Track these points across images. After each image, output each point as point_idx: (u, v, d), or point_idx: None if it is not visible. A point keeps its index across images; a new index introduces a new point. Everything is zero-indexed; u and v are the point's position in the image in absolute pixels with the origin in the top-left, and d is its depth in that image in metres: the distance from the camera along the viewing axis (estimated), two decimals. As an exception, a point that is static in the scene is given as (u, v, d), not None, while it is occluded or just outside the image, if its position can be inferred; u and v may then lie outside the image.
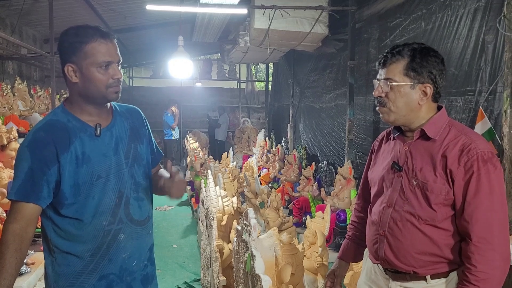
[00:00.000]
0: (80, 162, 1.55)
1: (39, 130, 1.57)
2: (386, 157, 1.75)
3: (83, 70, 1.54)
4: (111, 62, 1.56)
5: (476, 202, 1.48)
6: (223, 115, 11.59)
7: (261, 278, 1.92)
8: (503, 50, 3.20)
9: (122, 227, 1.64)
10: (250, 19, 6.05)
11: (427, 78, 1.58)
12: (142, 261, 1.74)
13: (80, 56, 1.53)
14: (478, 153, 1.50)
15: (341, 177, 5.04)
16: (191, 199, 7.30)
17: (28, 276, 2.16)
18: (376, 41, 5.47)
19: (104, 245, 1.61)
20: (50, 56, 5.13)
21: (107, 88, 1.56)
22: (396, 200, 1.64)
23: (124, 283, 1.67)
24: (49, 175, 1.51)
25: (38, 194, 1.51)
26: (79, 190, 1.55)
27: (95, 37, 1.54)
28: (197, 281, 4.17)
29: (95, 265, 1.61)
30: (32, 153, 1.51)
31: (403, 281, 1.65)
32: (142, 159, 1.74)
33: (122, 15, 7.05)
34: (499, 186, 1.51)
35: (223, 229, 3.50)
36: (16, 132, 2.95)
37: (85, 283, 1.61)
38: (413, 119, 1.63)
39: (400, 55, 1.59)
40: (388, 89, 1.60)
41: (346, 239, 2.01)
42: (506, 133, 2.95)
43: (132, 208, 1.67)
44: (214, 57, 13.61)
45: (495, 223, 1.47)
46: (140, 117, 1.82)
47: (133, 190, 1.68)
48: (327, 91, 7.05)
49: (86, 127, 1.60)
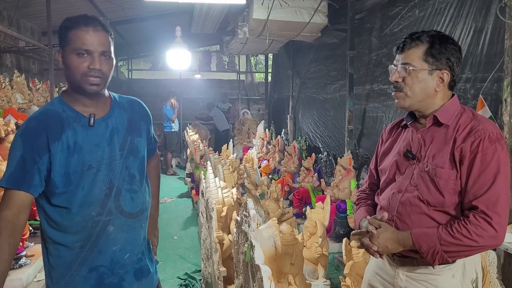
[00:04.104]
0: (71, 152, 1.55)
1: (32, 119, 1.58)
2: (398, 145, 1.76)
3: (65, 56, 1.56)
4: (91, 51, 1.54)
5: (481, 181, 1.49)
6: (214, 109, 11.56)
7: (260, 268, 1.92)
8: (497, 37, 3.20)
9: (111, 218, 1.62)
10: (249, 10, 6.01)
11: (445, 65, 1.59)
12: (135, 254, 1.72)
13: (65, 42, 1.55)
14: (486, 133, 1.51)
15: (341, 168, 5.04)
16: (191, 191, 7.31)
17: (28, 268, 2.17)
18: (377, 30, 5.43)
19: (93, 236, 1.60)
20: (48, 49, 5.10)
21: (83, 76, 1.54)
22: (406, 186, 1.65)
23: (116, 276, 1.66)
24: (41, 164, 1.52)
25: (30, 182, 1.51)
26: (69, 179, 1.55)
27: (79, 24, 1.55)
28: (197, 272, 4.18)
29: (84, 257, 1.60)
30: (24, 142, 1.52)
31: (410, 267, 1.67)
32: (139, 152, 1.73)
33: (120, 7, 7.01)
34: (506, 166, 1.50)
35: (223, 220, 3.50)
36: (14, 124, 2.95)
37: (75, 275, 1.60)
38: (428, 105, 1.64)
39: (419, 40, 1.60)
40: (405, 74, 1.61)
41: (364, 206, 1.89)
42: (507, 121, 2.94)
43: (123, 200, 1.65)
44: (213, 48, 13.56)
45: (499, 202, 1.47)
46: (141, 110, 1.81)
47: (126, 182, 1.66)
48: (332, 82, 7.01)
49: (80, 117, 1.60)
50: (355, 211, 1.94)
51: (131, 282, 1.70)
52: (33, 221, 2.90)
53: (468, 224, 1.47)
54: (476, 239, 1.46)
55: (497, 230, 1.47)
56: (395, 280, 1.71)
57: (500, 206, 1.47)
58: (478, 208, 1.48)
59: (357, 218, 1.84)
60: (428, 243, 1.52)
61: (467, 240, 1.47)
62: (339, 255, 4.31)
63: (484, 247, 1.50)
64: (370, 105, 5.58)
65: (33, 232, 2.81)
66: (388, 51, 5.05)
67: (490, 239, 1.47)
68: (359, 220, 1.79)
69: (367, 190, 1.95)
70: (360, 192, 1.98)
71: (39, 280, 2.18)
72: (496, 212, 1.47)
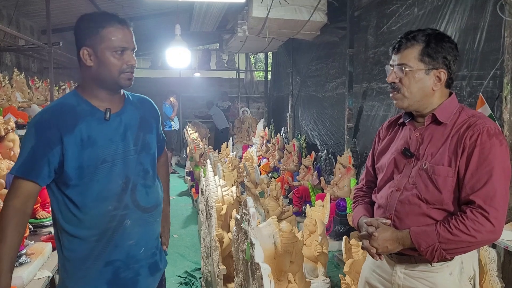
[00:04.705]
0: (85, 145, 1.56)
1: (46, 111, 1.59)
2: (395, 143, 1.76)
3: (98, 54, 1.57)
4: (126, 48, 1.59)
5: (479, 175, 1.48)
6: (213, 107, 11.59)
7: (260, 267, 1.92)
8: (493, 34, 3.21)
9: (128, 212, 1.64)
10: (248, 8, 6.01)
11: (442, 63, 1.59)
12: (150, 248, 1.75)
13: (96, 40, 1.56)
14: (484, 127, 1.51)
15: (340, 166, 5.05)
16: (191, 189, 7.31)
17: (28, 266, 2.16)
18: (374, 28, 5.42)
19: (110, 230, 1.62)
20: (48, 47, 5.09)
21: (120, 73, 1.59)
22: (405, 185, 1.65)
23: (131, 270, 1.68)
24: (51, 156, 1.53)
25: (38, 173, 1.53)
26: (83, 172, 1.56)
27: (112, 22, 1.57)
28: (197, 270, 4.19)
29: (101, 250, 1.62)
30: (36, 133, 1.54)
31: (408, 264, 1.67)
32: (150, 148, 1.76)
33: (119, 5, 7.00)
34: (504, 161, 1.50)
35: (222, 219, 3.51)
36: (13, 123, 2.94)
37: (91, 268, 1.62)
38: (426, 104, 1.64)
39: (415, 40, 1.60)
40: (402, 74, 1.61)
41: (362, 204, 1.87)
42: (507, 119, 2.94)
43: (139, 194, 1.68)
44: (213, 47, 13.50)
45: (496, 196, 1.47)
46: (151, 108, 1.84)
47: (141, 177, 1.69)
48: (330, 80, 7.01)
49: (95, 111, 1.62)
50: (352, 209, 1.93)
51: (146, 276, 1.74)
52: (33, 219, 2.90)
53: (465, 220, 1.47)
54: (474, 234, 1.46)
55: (495, 224, 1.46)
56: (393, 278, 1.71)
57: (498, 201, 1.46)
58: (475, 203, 1.48)
59: (355, 216, 1.84)
60: (427, 241, 1.51)
61: (465, 236, 1.46)
62: (339, 253, 4.32)
63: (483, 242, 1.50)
64: (369, 104, 5.57)
65: (33, 231, 2.81)
66: (386, 49, 5.04)
67: (488, 234, 1.47)
68: (358, 218, 1.79)
69: (364, 187, 1.95)
70: (357, 190, 1.97)
71: (39, 278, 2.18)
72: (493, 207, 1.46)
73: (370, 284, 1.83)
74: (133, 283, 1.70)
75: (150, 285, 1.80)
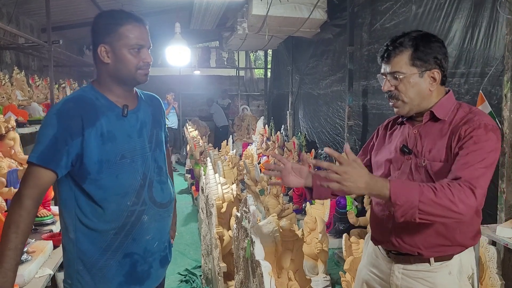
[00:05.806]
0: (105, 140, 1.57)
1: (69, 101, 1.59)
2: (393, 141, 1.76)
3: (116, 51, 1.59)
4: (143, 46, 1.61)
5: (469, 158, 1.45)
6: (213, 105, 11.63)
7: (260, 264, 1.93)
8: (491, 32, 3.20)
9: (146, 208, 1.67)
10: (248, 6, 6.00)
11: (434, 64, 1.59)
12: (163, 242, 1.79)
13: (114, 37, 1.58)
14: (481, 122, 1.50)
15: (340, 164, 5.03)
16: (191, 187, 7.31)
17: (29, 264, 2.17)
18: (368, 25, 5.39)
19: (128, 225, 1.64)
20: (47, 46, 5.08)
21: (137, 70, 1.61)
22: None
23: (147, 263, 1.72)
24: (71, 146, 1.53)
25: (58, 162, 1.52)
26: (101, 167, 1.57)
27: (130, 20, 1.60)
28: (198, 268, 4.20)
29: (119, 243, 1.64)
30: (59, 121, 1.53)
31: (406, 264, 1.66)
32: (163, 145, 1.81)
33: (119, 3, 6.98)
34: (495, 154, 1.48)
35: (223, 216, 3.52)
36: (14, 121, 2.95)
37: (111, 259, 1.64)
38: (426, 105, 1.64)
39: (402, 46, 1.59)
40: (397, 82, 1.60)
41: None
42: (507, 117, 2.94)
43: (156, 191, 1.71)
44: (213, 44, 13.49)
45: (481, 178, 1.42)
46: (160, 105, 1.87)
47: (156, 174, 1.72)
48: (324, 77, 7.00)
49: (114, 107, 1.63)
50: None
51: (157, 269, 1.78)
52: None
53: (452, 188, 1.38)
54: (457, 202, 1.36)
55: (478, 200, 1.39)
56: (391, 278, 1.70)
57: (482, 182, 1.42)
58: (462, 178, 1.41)
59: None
60: (406, 196, 1.37)
61: (448, 202, 1.36)
62: (339, 251, 4.33)
63: (460, 214, 1.38)
64: (369, 102, 5.56)
65: (34, 229, 2.81)
66: (379, 47, 5.00)
67: (468, 208, 1.38)
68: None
69: None
70: None
71: (41, 276, 2.19)
72: (479, 184, 1.40)
73: (368, 285, 1.83)
74: (147, 276, 1.74)
75: (160, 277, 1.84)
